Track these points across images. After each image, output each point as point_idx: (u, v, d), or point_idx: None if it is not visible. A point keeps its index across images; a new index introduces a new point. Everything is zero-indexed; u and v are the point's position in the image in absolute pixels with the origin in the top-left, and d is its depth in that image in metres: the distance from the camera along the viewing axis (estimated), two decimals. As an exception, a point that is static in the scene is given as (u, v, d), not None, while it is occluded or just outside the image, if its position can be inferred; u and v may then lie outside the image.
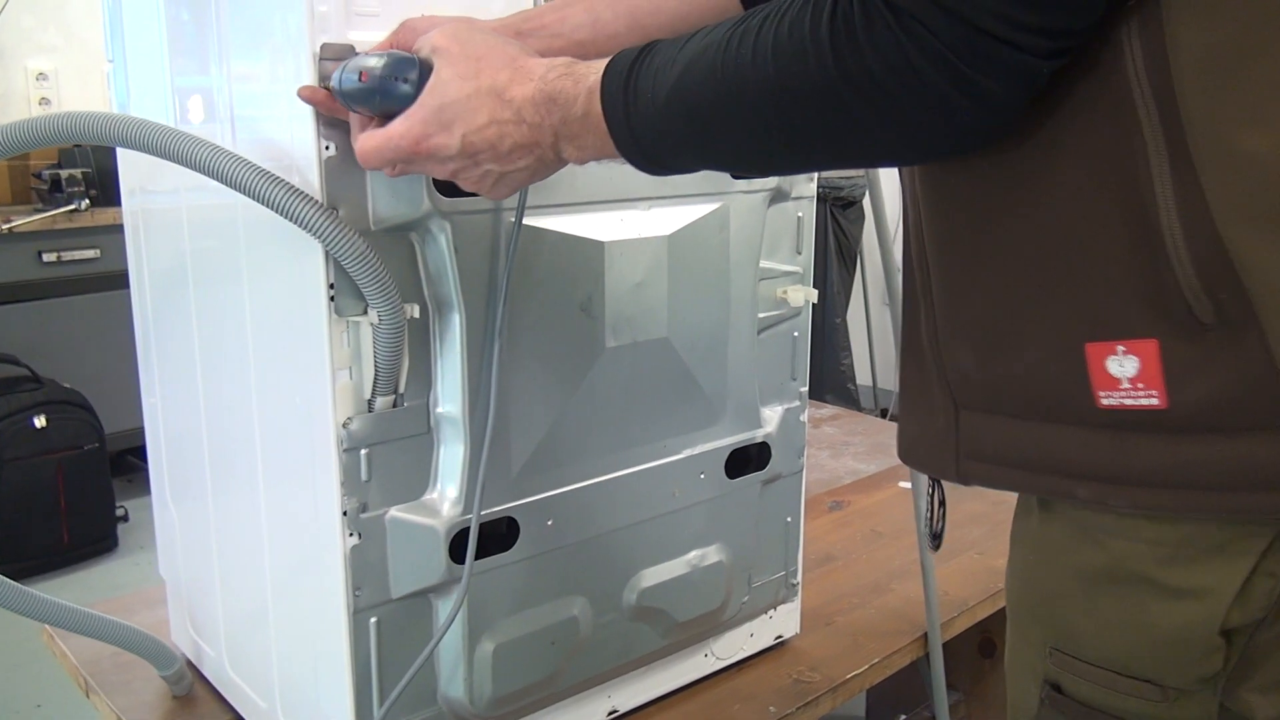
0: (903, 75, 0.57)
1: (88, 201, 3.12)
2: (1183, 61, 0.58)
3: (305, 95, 0.83)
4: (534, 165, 0.74)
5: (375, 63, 0.75)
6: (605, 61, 0.69)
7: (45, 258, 3.10)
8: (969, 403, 0.72)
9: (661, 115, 0.66)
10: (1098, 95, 0.61)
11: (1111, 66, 0.60)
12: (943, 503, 0.94)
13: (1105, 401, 0.64)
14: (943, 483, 0.93)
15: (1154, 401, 0.62)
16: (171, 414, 1.24)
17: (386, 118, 0.76)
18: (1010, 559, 0.80)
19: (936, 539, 0.95)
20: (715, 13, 0.82)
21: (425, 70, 0.74)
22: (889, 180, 3.50)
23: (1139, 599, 0.68)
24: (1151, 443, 0.63)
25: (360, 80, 0.76)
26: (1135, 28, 0.59)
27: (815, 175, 1.22)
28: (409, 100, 0.73)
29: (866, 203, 3.24)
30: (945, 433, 0.74)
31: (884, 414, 3.86)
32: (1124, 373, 0.63)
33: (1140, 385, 0.62)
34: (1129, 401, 0.63)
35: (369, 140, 0.77)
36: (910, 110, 0.59)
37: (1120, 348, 0.63)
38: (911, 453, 0.80)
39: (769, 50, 0.61)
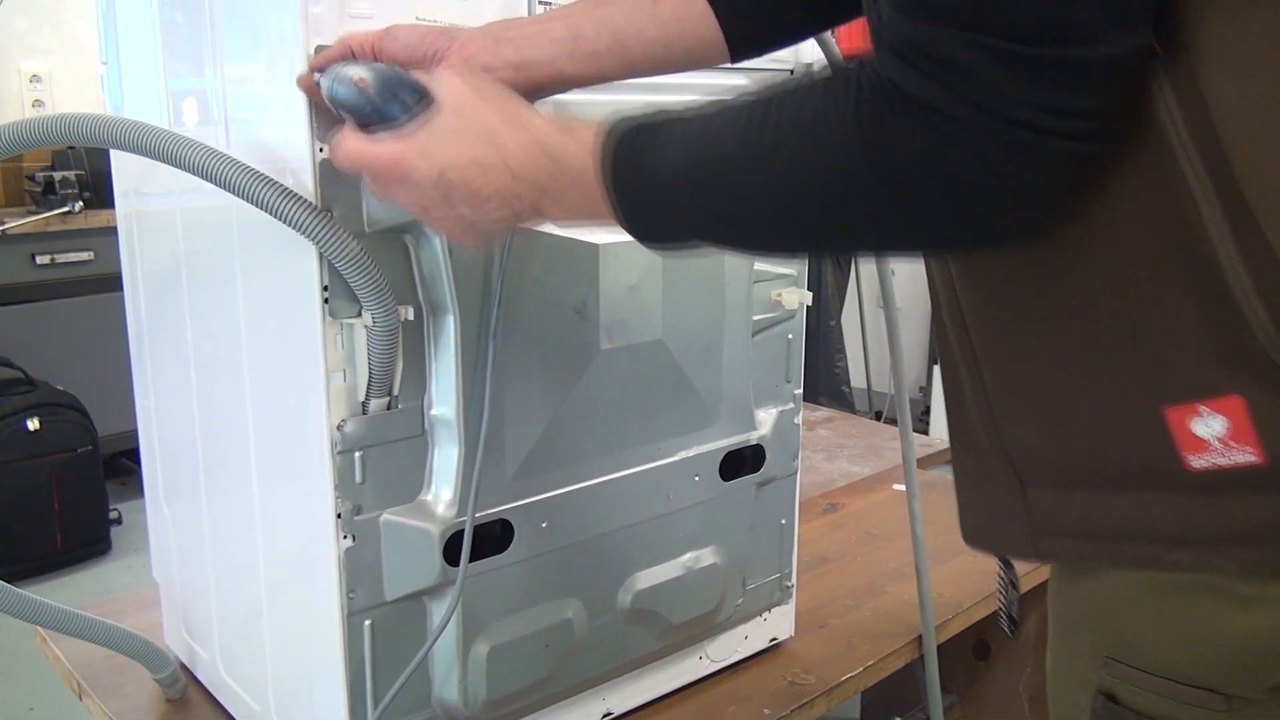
0: (936, 176, 0.55)
1: (81, 204, 3.11)
2: (1226, 113, 0.56)
3: (301, 84, 0.82)
4: (508, 217, 0.71)
5: (372, 78, 0.73)
6: (604, 123, 0.66)
7: (39, 260, 3.09)
8: (1037, 479, 0.69)
9: (667, 194, 0.65)
10: (1139, 156, 0.59)
11: (1149, 125, 0.58)
12: (1014, 584, 0.90)
13: (1196, 464, 0.61)
14: (1012, 562, 0.89)
15: (1250, 458, 0.60)
16: (165, 416, 1.24)
17: (365, 128, 0.75)
18: (1056, 566, 0.77)
19: (1013, 624, 0.91)
20: (697, 42, 0.81)
21: (425, 98, 0.72)
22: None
23: (1207, 606, 0.65)
24: (1255, 499, 0.61)
25: (358, 90, 0.74)
26: (1168, 85, 0.57)
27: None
28: (400, 124, 0.71)
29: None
30: (1014, 512, 0.70)
31: (878, 416, 3.86)
32: (1212, 433, 0.61)
33: (1233, 443, 0.60)
34: (1223, 461, 0.61)
35: (348, 143, 0.74)
36: (949, 210, 0.57)
37: (1203, 408, 0.60)
38: (978, 536, 0.76)
39: (791, 140, 0.59)
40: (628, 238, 1.05)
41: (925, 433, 3.54)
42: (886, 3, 0.55)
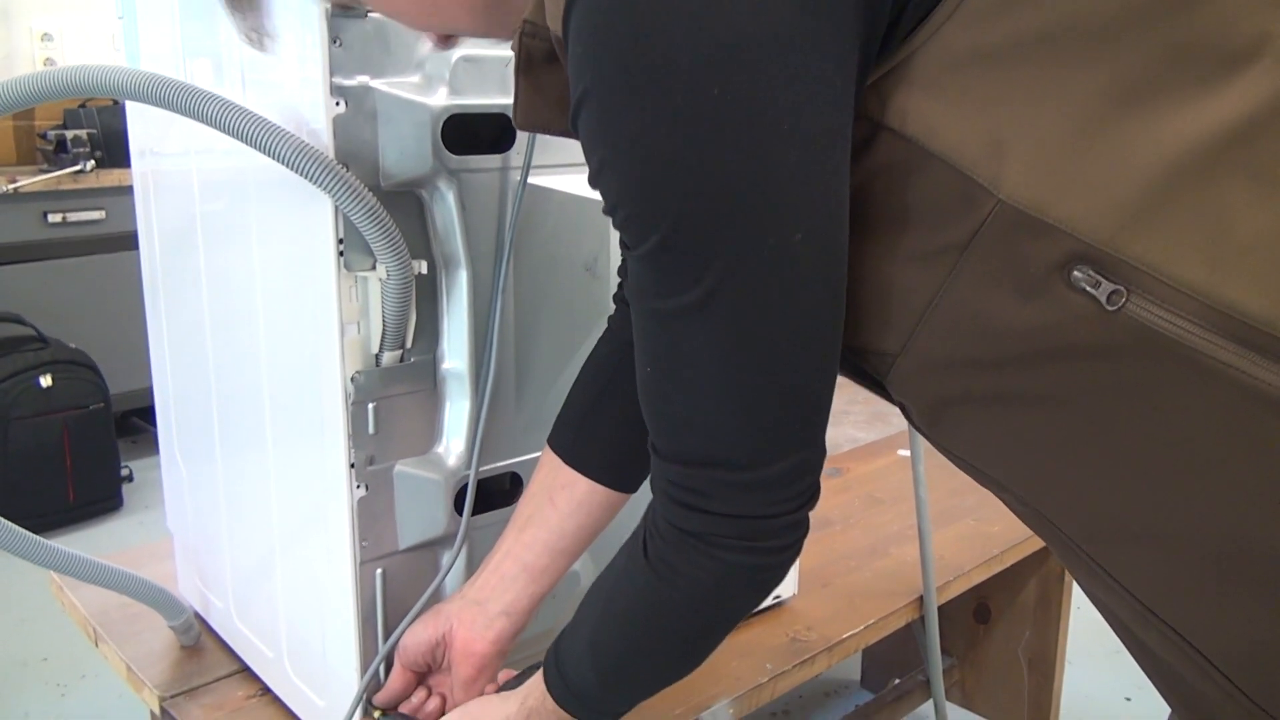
0: (722, 583, 0.68)
1: (93, 163, 3.11)
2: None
3: None
4: None
5: None
6: (542, 688, 0.80)
7: (50, 218, 3.10)
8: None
9: (601, 689, 0.78)
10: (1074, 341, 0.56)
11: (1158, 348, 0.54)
12: None
13: None
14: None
15: None
16: (180, 370, 1.25)
17: None
18: None
19: None
20: (601, 504, 0.93)
21: None
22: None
23: None
24: None
25: None
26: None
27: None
28: None
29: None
30: None
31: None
32: None
33: None
34: None
35: None
36: (739, 601, 0.71)
37: None
38: None
39: (623, 607, 0.74)
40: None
41: (931, 402, 3.55)
42: (654, 457, 0.67)
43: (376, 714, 0.98)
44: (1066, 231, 0.54)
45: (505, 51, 0.94)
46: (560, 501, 0.93)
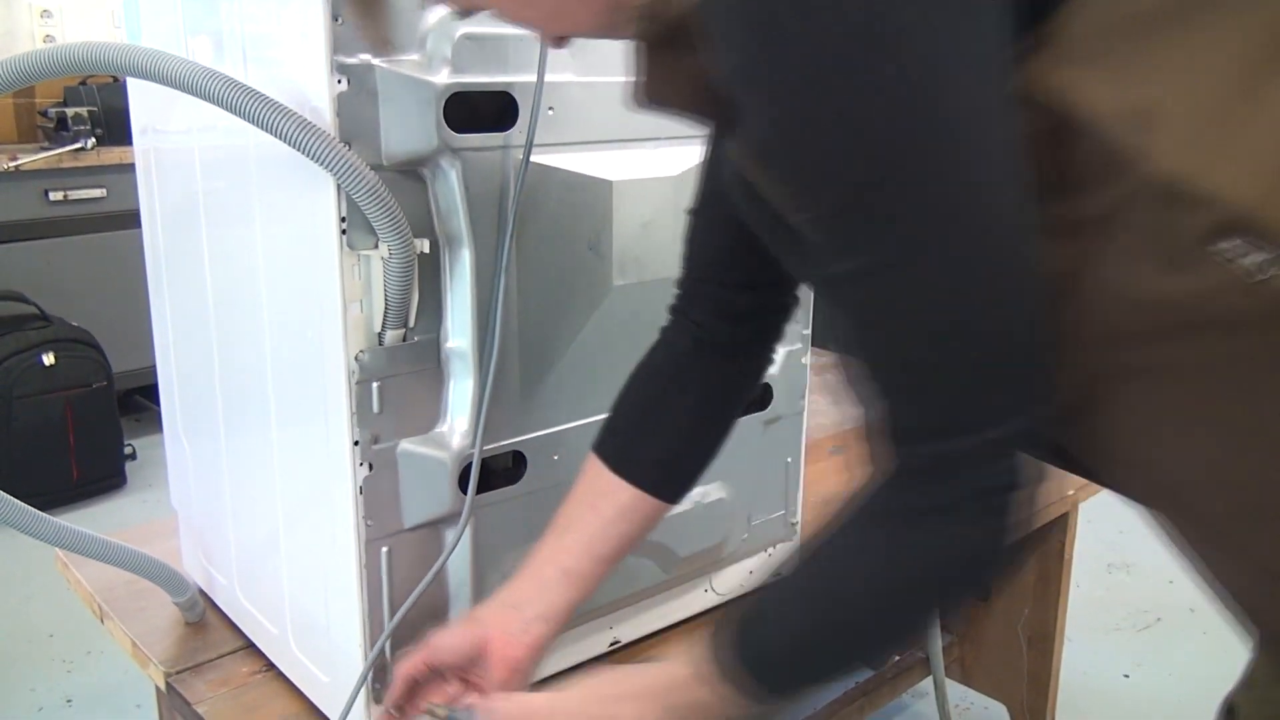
0: (954, 556, 0.64)
1: (94, 140, 3.11)
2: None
3: None
4: None
5: None
6: (697, 656, 0.72)
7: (52, 196, 3.09)
8: None
9: (811, 669, 0.71)
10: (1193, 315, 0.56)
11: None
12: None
13: None
14: None
15: None
16: (183, 348, 1.26)
17: None
18: None
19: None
20: (645, 513, 0.92)
21: None
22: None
23: None
24: None
25: None
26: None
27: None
28: None
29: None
30: None
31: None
32: None
33: None
34: None
35: None
36: (971, 573, 0.66)
37: None
38: None
39: (846, 583, 0.68)
40: (642, 174, 1.07)
41: (932, 381, 3.55)
42: (873, 435, 0.64)
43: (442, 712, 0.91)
44: (1216, 200, 0.52)
45: (508, 29, 0.94)
46: (603, 508, 0.92)
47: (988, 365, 0.59)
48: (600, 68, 1.00)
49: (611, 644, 1.21)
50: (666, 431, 0.92)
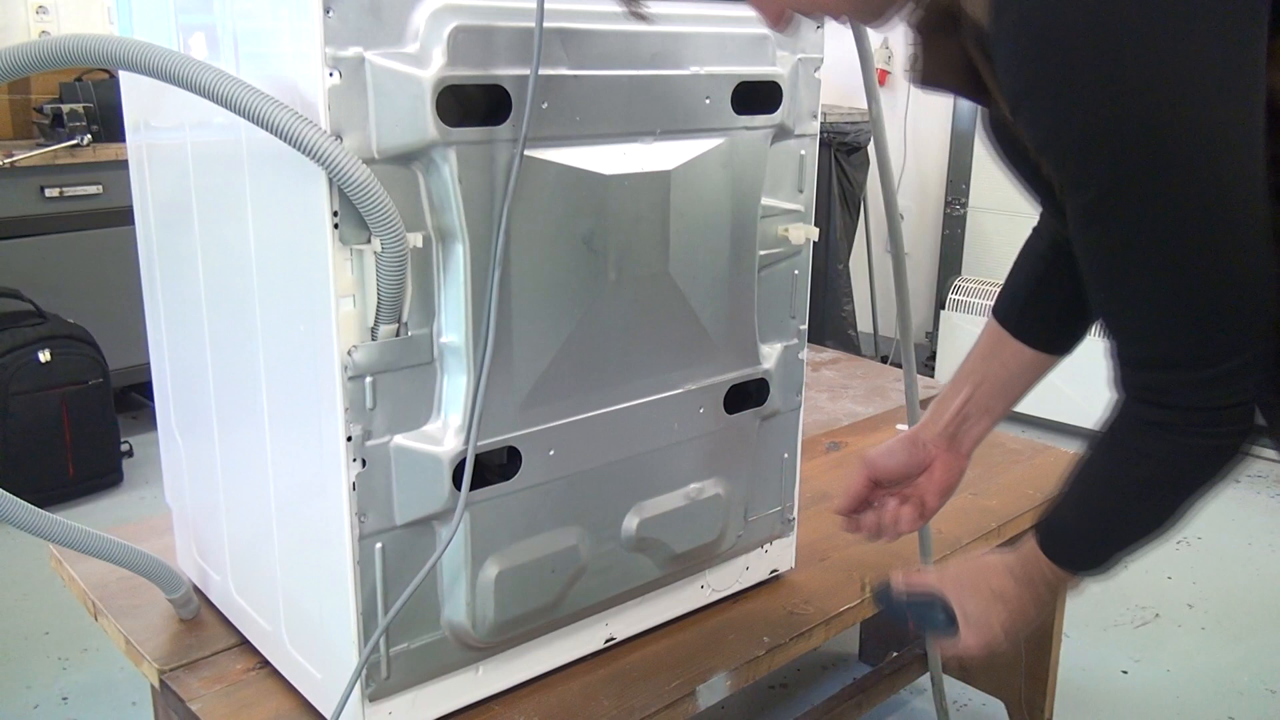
0: (1183, 459, 0.82)
1: (89, 137, 3.09)
2: None
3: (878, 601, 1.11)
4: (1036, 613, 0.97)
5: (916, 616, 1.04)
6: (1032, 542, 0.93)
7: (48, 193, 3.08)
8: None
9: (1099, 550, 0.93)
10: None
11: None
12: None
13: None
14: None
15: None
16: (177, 345, 1.25)
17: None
18: None
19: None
20: (1038, 364, 1.11)
21: (948, 610, 1.01)
22: (893, 126, 3.46)
23: None
24: None
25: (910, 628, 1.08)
26: None
27: (819, 112, 1.22)
28: (946, 627, 1.01)
29: (871, 149, 3.22)
30: None
31: (884, 360, 3.86)
32: None
33: None
34: None
35: (948, 649, 1.02)
36: (1201, 472, 0.83)
37: None
38: None
39: (1118, 476, 0.87)
40: (636, 168, 1.07)
41: (930, 376, 3.56)
42: (1118, 362, 0.82)
43: (868, 592, 1.19)
44: None
45: (503, 21, 0.93)
46: (1010, 364, 1.12)
47: (1214, 314, 0.75)
48: (594, 61, 1.00)
49: (607, 640, 1.21)
50: (1054, 304, 1.09)
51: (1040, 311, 1.11)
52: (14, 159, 2.98)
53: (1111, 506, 0.89)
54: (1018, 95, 0.71)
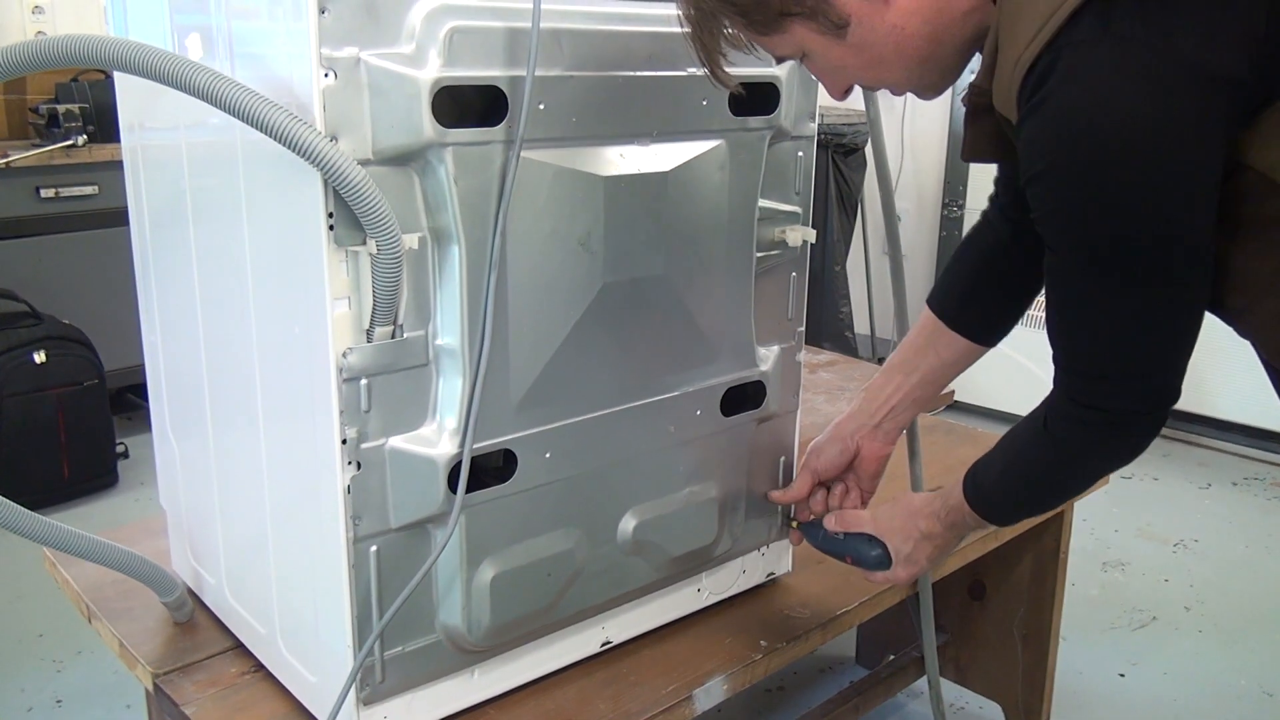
0: (1100, 447, 1.00)
1: (85, 137, 3.09)
2: None
3: (792, 539, 1.35)
4: (955, 545, 1.20)
5: (853, 551, 1.22)
6: (959, 487, 1.10)
7: (43, 193, 3.08)
8: None
9: (1010, 509, 1.14)
10: None
11: None
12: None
13: None
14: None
15: None
16: (171, 347, 1.25)
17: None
18: None
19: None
20: (967, 353, 1.24)
21: (883, 545, 1.19)
22: (891, 127, 3.46)
23: None
24: None
25: (847, 560, 1.23)
26: None
27: (817, 114, 1.21)
28: (879, 562, 1.20)
29: (869, 150, 3.22)
30: None
31: (880, 362, 3.86)
32: None
33: None
34: None
35: (882, 578, 1.21)
36: (1104, 461, 1.04)
37: None
38: None
39: (1037, 455, 1.05)
40: (633, 170, 1.06)
41: (927, 379, 3.54)
42: (1062, 368, 0.97)
43: (794, 524, 1.30)
44: None
45: (499, 22, 0.93)
46: (944, 353, 1.24)
47: (1151, 356, 0.93)
48: (591, 63, 1.00)
49: (603, 644, 1.20)
50: (994, 297, 1.22)
51: (979, 305, 1.23)
52: (9, 159, 2.97)
53: (1032, 479, 1.07)
54: (1029, 177, 0.87)
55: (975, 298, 1.23)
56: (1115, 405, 0.95)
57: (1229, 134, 0.82)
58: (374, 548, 0.98)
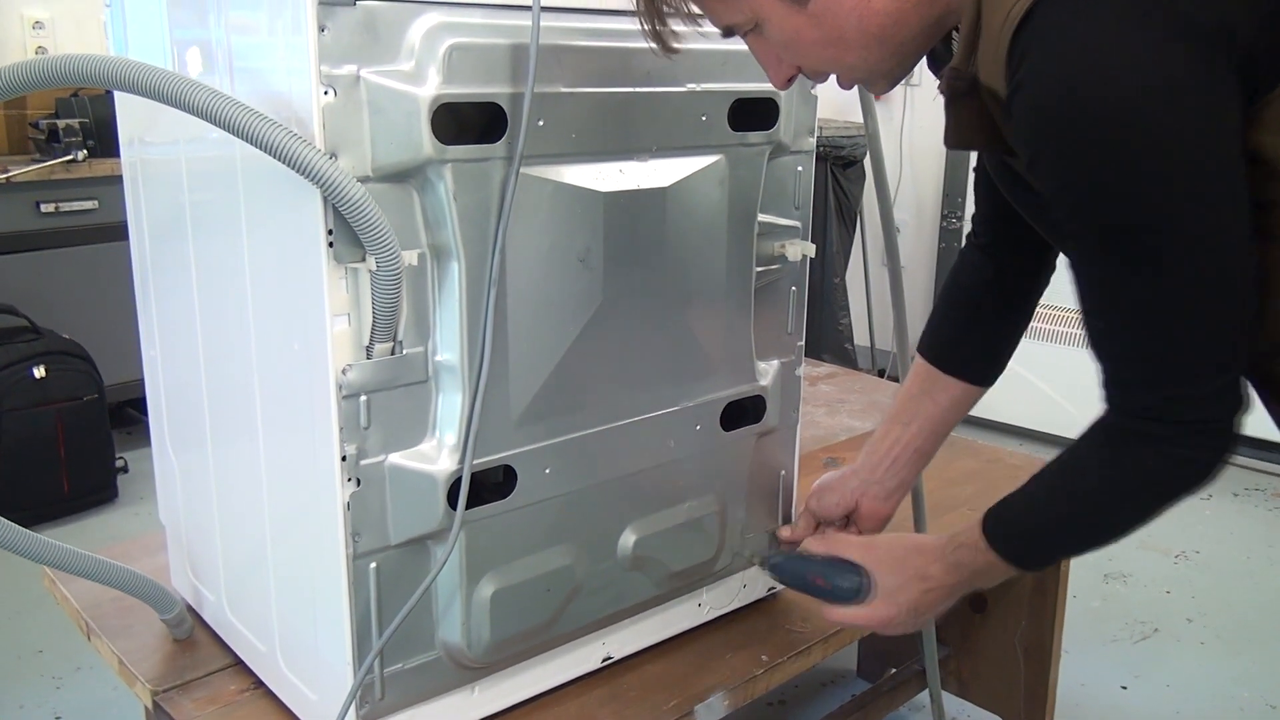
0: (1161, 473, 0.89)
1: (85, 152, 3.09)
2: None
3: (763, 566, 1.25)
4: (949, 600, 1.05)
5: (827, 574, 1.10)
6: (977, 527, 0.99)
7: (43, 208, 3.08)
8: None
9: (1047, 547, 1.01)
10: None
11: None
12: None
13: None
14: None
15: None
16: (171, 363, 1.25)
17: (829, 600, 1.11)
18: None
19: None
20: (965, 396, 1.19)
21: (864, 574, 1.07)
22: (889, 139, 3.47)
23: None
24: None
25: (816, 585, 1.11)
26: None
27: (815, 129, 1.21)
28: (850, 593, 1.07)
29: (867, 162, 3.22)
30: None
31: (881, 374, 3.86)
32: None
33: None
34: None
35: (837, 614, 1.09)
36: (1168, 487, 0.90)
37: None
38: None
39: (1091, 487, 0.93)
40: (633, 185, 1.06)
41: (927, 391, 3.54)
42: (1110, 384, 0.88)
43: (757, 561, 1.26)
44: None
45: (499, 39, 0.93)
46: (940, 398, 1.20)
47: (1197, 348, 0.83)
48: (590, 79, 1.00)
49: (604, 659, 1.20)
50: (983, 338, 1.19)
51: (971, 346, 1.20)
52: (10, 174, 2.97)
53: (1079, 510, 0.95)
54: (1033, 155, 0.81)
55: (966, 339, 1.20)
56: (1176, 415, 0.85)
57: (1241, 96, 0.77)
58: (374, 564, 0.98)
